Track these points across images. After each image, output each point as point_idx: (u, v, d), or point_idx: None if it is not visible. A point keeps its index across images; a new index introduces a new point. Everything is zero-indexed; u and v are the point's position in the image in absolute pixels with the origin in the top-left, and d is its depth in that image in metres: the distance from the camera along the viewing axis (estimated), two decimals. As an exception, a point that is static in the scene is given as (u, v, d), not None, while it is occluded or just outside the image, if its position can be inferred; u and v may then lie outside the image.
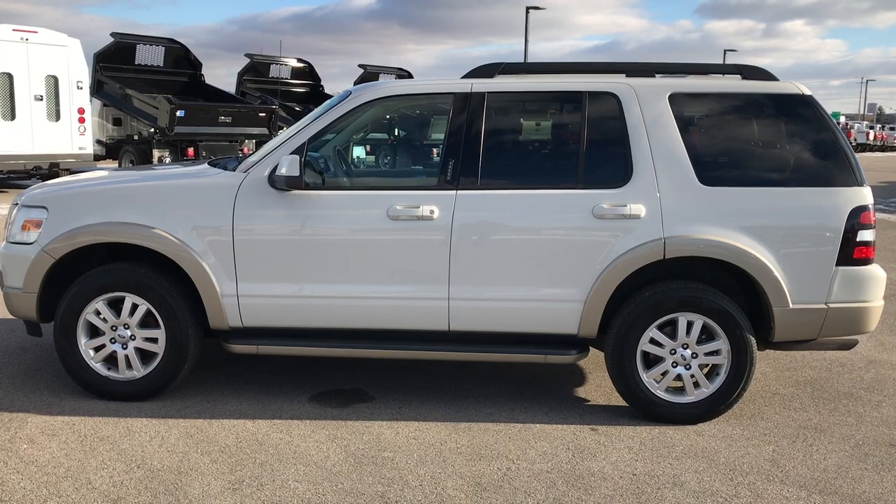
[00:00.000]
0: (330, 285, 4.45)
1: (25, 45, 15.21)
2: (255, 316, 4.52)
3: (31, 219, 4.60)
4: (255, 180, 4.47)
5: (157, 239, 4.44)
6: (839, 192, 4.33)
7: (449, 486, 3.67)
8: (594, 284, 4.35)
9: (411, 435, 4.24)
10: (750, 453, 4.09)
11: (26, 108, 15.30)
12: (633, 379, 4.42)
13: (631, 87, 4.49)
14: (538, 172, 4.69)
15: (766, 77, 4.61)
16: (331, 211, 4.46)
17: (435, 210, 4.37)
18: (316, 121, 4.60)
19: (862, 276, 4.35)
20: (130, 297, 4.51)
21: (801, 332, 4.41)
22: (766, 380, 5.26)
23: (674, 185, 4.34)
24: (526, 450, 4.08)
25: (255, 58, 22.23)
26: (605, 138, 4.48)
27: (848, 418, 4.62)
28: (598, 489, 3.66)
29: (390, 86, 4.75)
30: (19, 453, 3.91)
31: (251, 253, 4.45)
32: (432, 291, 4.42)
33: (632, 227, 4.32)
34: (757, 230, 4.30)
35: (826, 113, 4.45)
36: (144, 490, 3.56)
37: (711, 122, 4.58)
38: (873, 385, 5.23)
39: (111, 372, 4.61)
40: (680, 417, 4.44)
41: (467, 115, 4.49)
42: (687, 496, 3.61)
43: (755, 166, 4.46)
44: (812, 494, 3.66)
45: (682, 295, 4.35)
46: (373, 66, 25.02)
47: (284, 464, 3.86)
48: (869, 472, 3.90)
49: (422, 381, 5.09)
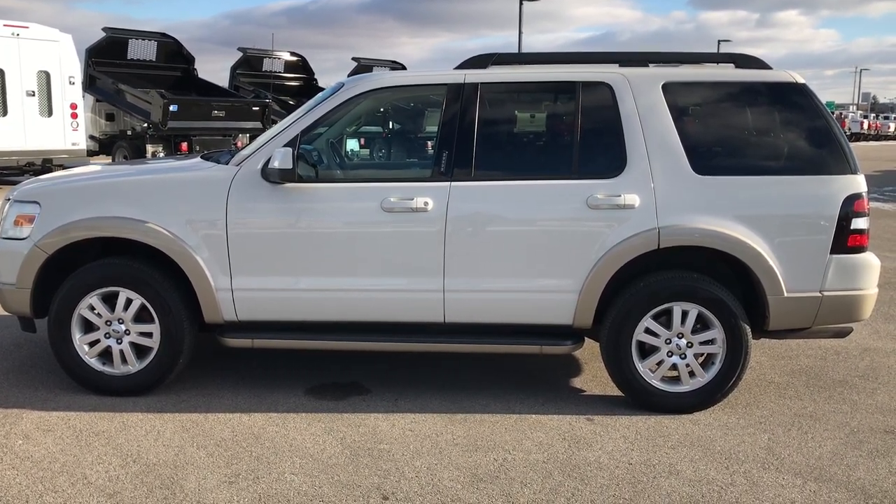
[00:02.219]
0: (324, 278, 4.44)
1: (17, 41, 15.12)
2: (249, 309, 4.51)
3: (23, 214, 4.58)
4: (248, 173, 4.46)
5: (151, 233, 4.43)
6: (833, 181, 4.33)
7: (445, 477, 3.67)
8: (589, 275, 4.35)
9: (407, 427, 4.24)
10: (745, 441, 4.10)
11: (18, 104, 15.22)
12: (629, 369, 4.42)
13: (624, 77, 4.48)
14: (532, 163, 4.69)
15: (760, 66, 4.60)
16: (324, 204, 4.45)
17: (429, 202, 4.36)
18: (308, 113, 4.59)
19: (856, 264, 4.36)
20: (124, 292, 4.50)
21: (796, 320, 4.41)
22: (762, 368, 5.27)
23: (668, 174, 4.34)
24: (522, 440, 4.08)
25: (249, 52, 22.14)
26: (598, 128, 4.48)
27: (843, 406, 4.64)
28: (594, 479, 3.67)
29: (383, 77, 4.74)
30: (14, 449, 3.90)
31: (245, 246, 4.44)
32: (427, 283, 4.41)
33: (626, 217, 4.32)
34: (751, 219, 4.30)
35: (820, 101, 4.44)
36: (140, 484, 3.55)
37: (705, 112, 4.57)
38: (868, 373, 5.24)
39: (106, 367, 4.60)
40: (675, 407, 4.44)
41: (461, 106, 4.48)
42: (683, 485, 3.62)
43: (749, 155, 4.46)
44: (807, 482, 3.67)
45: (676, 284, 4.35)
46: (367, 60, 24.93)
47: (280, 457, 3.86)
48: (864, 459, 3.91)
49: (417, 374, 5.09)
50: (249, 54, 22.14)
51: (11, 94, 15.11)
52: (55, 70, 15.75)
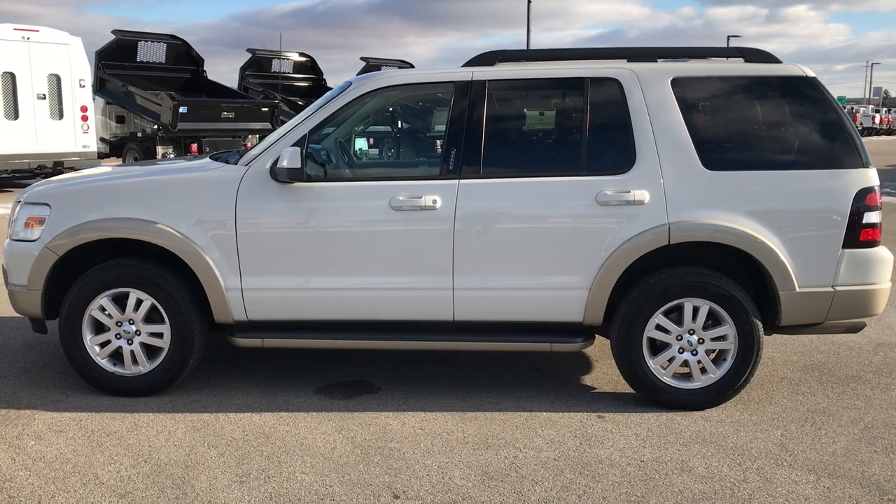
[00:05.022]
0: (334, 277, 4.44)
1: (27, 44, 15.22)
2: (259, 309, 4.51)
3: (33, 216, 4.60)
4: (256, 173, 4.46)
5: (160, 234, 4.44)
6: (845, 174, 4.29)
7: (456, 475, 3.66)
8: (599, 272, 4.33)
9: (418, 425, 4.23)
10: (758, 438, 4.07)
11: (29, 107, 15.31)
12: (640, 366, 4.40)
13: (633, 72, 4.46)
14: (541, 160, 4.67)
15: (769, 60, 4.57)
16: (333, 202, 4.45)
17: (438, 200, 4.35)
18: (316, 112, 4.58)
19: (868, 258, 4.32)
20: (135, 293, 4.51)
21: (808, 315, 4.38)
22: (774, 364, 5.24)
23: (677, 170, 4.31)
24: (533, 438, 4.07)
25: (257, 53, 22.20)
26: (607, 124, 4.46)
27: (856, 401, 4.60)
28: (605, 476, 3.65)
29: (391, 75, 4.73)
30: (27, 450, 3.92)
31: (254, 246, 4.44)
32: (436, 282, 4.40)
33: (636, 214, 4.30)
34: (762, 214, 4.27)
35: (830, 94, 4.40)
36: (152, 484, 3.56)
37: (714, 106, 4.54)
38: (881, 368, 5.20)
39: (117, 368, 4.61)
40: (687, 403, 4.42)
41: (468, 103, 4.47)
42: (695, 482, 3.60)
43: (759, 149, 4.42)
44: (821, 478, 3.64)
45: (687, 281, 4.33)
46: (375, 59, 24.94)
47: (291, 456, 3.86)
48: (878, 455, 3.88)
49: (428, 372, 5.09)
50: (258, 55, 22.20)
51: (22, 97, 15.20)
52: (65, 73, 15.83)
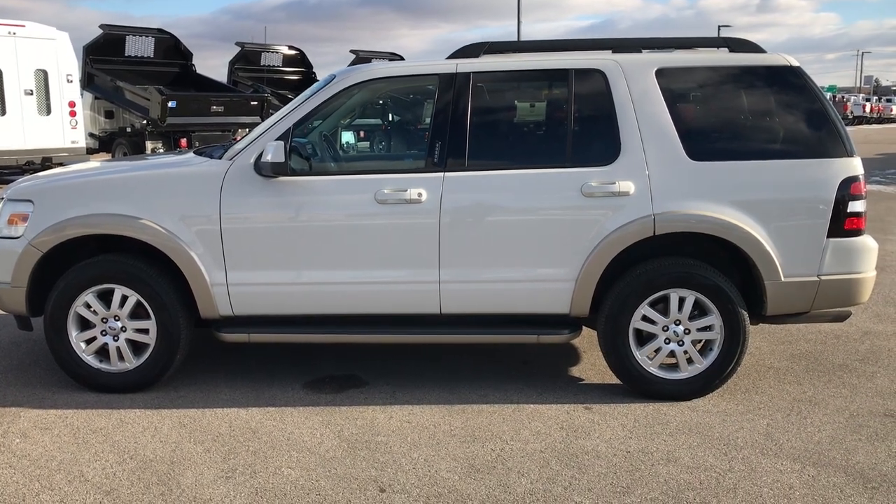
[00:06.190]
0: (319, 271, 4.43)
1: (13, 39, 15.09)
2: (245, 304, 4.50)
3: (17, 213, 4.57)
4: (241, 168, 4.44)
5: (145, 229, 4.41)
6: (829, 164, 4.30)
7: (442, 468, 3.66)
8: (585, 263, 4.33)
9: (405, 419, 4.23)
10: (744, 427, 4.08)
11: (16, 103, 15.19)
12: (627, 357, 4.41)
13: (617, 64, 4.45)
14: (526, 152, 4.66)
15: (754, 49, 4.57)
16: (318, 196, 4.43)
17: (423, 193, 4.34)
18: (300, 106, 4.56)
19: (853, 247, 4.33)
20: (120, 289, 4.49)
21: (794, 305, 4.39)
22: (761, 354, 5.25)
23: (662, 160, 4.31)
24: (520, 430, 4.07)
25: (246, 46, 22.05)
26: (592, 116, 4.45)
27: (842, 390, 4.62)
28: (591, 467, 3.66)
29: (375, 68, 4.70)
30: (12, 448, 3.90)
31: (239, 241, 4.42)
32: (423, 275, 4.40)
33: (621, 205, 4.29)
34: (746, 204, 4.27)
35: (814, 83, 4.41)
36: (137, 481, 3.55)
37: (699, 97, 4.54)
38: (868, 356, 5.22)
39: (103, 364, 4.59)
40: (674, 394, 4.43)
41: (453, 95, 4.45)
42: (680, 472, 3.61)
43: (744, 139, 4.43)
44: (806, 466, 3.65)
45: (672, 271, 4.33)
46: (365, 52, 24.82)
47: (278, 451, 3.85)
48: (863, 443, 3.89)
49: (415, 365, 5.08)
50: (247, 49, 22.06)
51: (9, 93, 15.08)
52: (53, 68, 15.71)
